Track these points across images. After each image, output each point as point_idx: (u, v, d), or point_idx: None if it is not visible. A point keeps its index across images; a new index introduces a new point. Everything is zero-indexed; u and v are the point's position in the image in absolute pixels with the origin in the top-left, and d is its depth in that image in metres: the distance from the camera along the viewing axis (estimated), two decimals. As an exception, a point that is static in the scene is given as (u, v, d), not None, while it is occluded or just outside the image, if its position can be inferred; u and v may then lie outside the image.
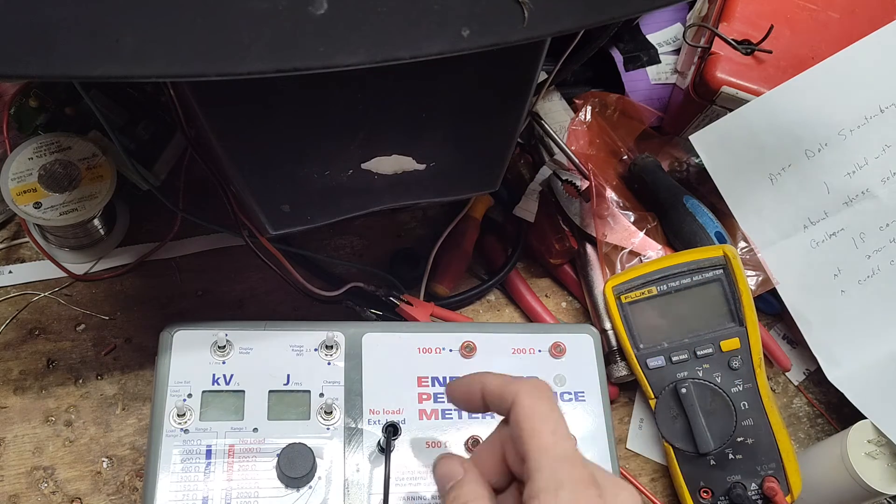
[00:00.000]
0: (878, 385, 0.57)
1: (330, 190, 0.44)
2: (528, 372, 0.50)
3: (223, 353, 0.47)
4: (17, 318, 0.54)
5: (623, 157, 0.65)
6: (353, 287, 0.55)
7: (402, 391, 0.49)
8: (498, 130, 0.44)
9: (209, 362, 0.47)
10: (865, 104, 0.58)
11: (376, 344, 0.50)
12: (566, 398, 0.51)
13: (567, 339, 0.53)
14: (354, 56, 0.28)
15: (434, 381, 0.49)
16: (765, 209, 0.60)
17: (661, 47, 0.67)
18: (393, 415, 0.48)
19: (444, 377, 0.50)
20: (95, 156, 0.50)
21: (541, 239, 0.60)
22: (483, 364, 0.50)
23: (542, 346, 0.52)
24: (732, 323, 0.56)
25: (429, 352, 0.50)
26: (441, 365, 0.50)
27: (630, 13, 0.33)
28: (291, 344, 0.49)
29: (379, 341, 0.50)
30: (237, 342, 0.48)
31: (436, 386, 0.49)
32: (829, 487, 0.53)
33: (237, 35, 0.27)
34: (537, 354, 0.52)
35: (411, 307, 0.55)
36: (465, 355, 0.50)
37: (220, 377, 0.47)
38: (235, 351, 0.48)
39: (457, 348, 0.50)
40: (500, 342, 0.52)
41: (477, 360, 0.51)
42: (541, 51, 0.39)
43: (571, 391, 0.51)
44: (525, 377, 0.38)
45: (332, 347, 0.49)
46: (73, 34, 0.26)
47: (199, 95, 0.35)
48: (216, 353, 0.47)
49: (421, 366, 0.50)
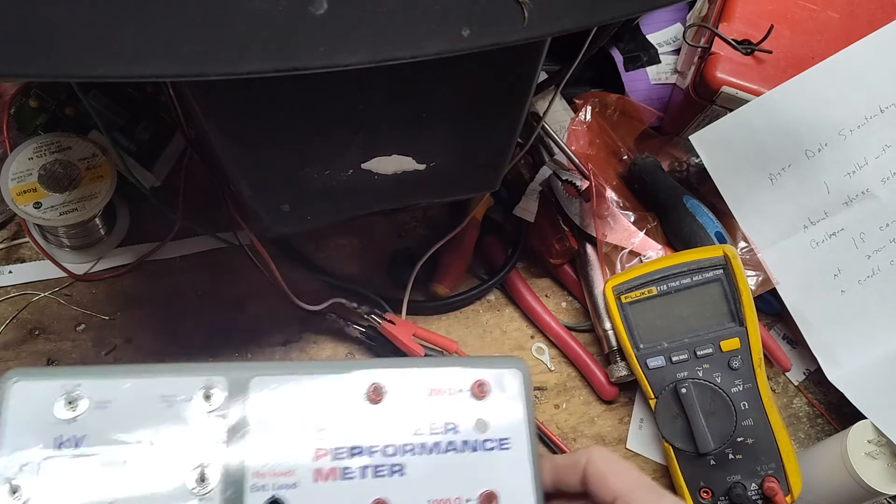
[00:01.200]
0: (878, 385, 0.57)
1: (330, 190, 0.44)
2: (449, 418, 0.45)
3: (73, 409, 0.38)
4: (17, 318, 0.54)
5: (623, 157, 0.65)
6: (335, 303, 0.54)
7: (296, 448, 0.41)
8: (498, 130, 0.44)
9: (53, 422, 0.38)
10: (865, 104, 0.58)
11: (266, 390, 0.41)
12: (488, 446, 0.44)
13: (491, 376, 0.46)
14: (354, 56, 0.28)
15: (334, 435, 0.41)
16: (765, 209, 0.60)
17: (661, 47, 0.67)
18: (283, 477, 0.40)
19: (347, 429, 0.42)
20: (95, 156, 0.50)
21: (541, 239, 0.60)
22: (393, 411, 0.44)
23: (464, 385, 0.45)
24: (732, 323, 0.56)
25: (329, 398, 0.42)
26: (343, 414, 0.42)
27: (630, 13, 0.33)
28: (162, 393, 0.40)
29: (269, 387, 0.41)
30: (92, 394, 0.39)
31: (336, 440, 0.42)
32: (829, 487, 0.53)
33: (237, 35, 0.27)
34: (457, 395, 0.45)
35: (393, 326, 0.54)
36: (373, 400, 0.43)
37: (67, 440, 0.38)
38: (90, 405, 0.39)
39: (363, 392, 0.43)
40: (415, 381, 0.44)
41: (386, 405, 0.44)
42: (541, 51, 0.39)
43: (494, 438, 0.45)
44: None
45: (210, 396, 0.40)
46: (73, 34, 0.26)
47: (199, 95, 0.35)
48: (65, 409, 0.38)
49: (319, 416, 0.42)
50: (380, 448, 0.44)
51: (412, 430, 0.44)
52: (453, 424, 0.45)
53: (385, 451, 0.44)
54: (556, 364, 0.60)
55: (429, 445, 0.44)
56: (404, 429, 0.44)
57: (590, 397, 0.60)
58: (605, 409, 0.59)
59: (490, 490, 0.43)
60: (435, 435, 0.44)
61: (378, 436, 0.44)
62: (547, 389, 0.59)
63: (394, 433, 0.44)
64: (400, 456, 0.44)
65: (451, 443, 0.44)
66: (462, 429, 0.45)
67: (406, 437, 0.44)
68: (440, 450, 0.44)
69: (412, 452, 0.44)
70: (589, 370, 0.59)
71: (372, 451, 0.43)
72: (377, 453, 0.44)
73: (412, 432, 0.44)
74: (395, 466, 0.44)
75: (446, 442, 0.44)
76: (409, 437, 0.44)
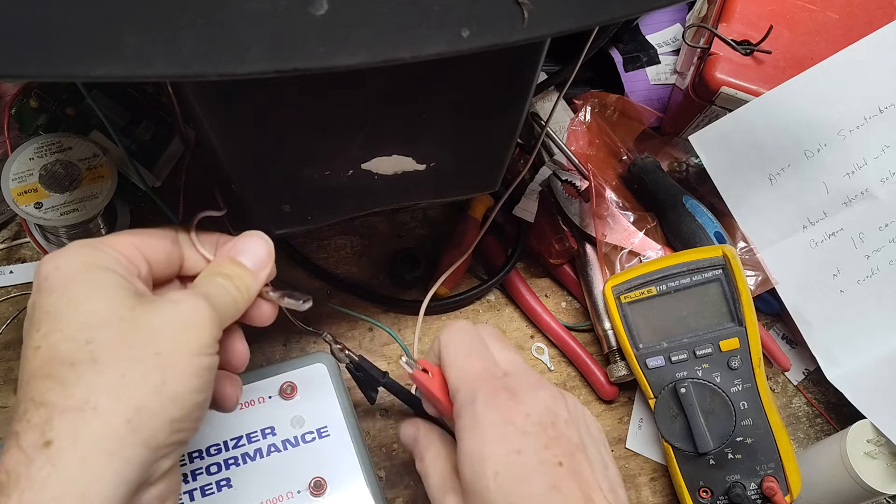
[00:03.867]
0: (878, 385, 0.57)
1: (330, 190, 0.44)
2: (264, 424, 0.47)
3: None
4: (17, 318, 0.54)
5: (622, 157, 0.65)
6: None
7: None
8: (498, 130, 0.44)
9: None
10: (864, 104, 0.58)
11: None
12: (308, 439, 0.48)
13: (297, 376, 0.49)
14: (354, 56, 0.28)
15: None
16: (764, 209, 0.60)
17: (661, 48, 0.67)
18: None
19: None
20: (96, 156, 0.50)
21: (540, 239, 0.60)
22: (210, 432, 0.45)
23: (272, 391, 0.48)
24: (732, 323, 0.56)
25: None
26: None
27: (630, 13, 0.33)
28: None
29: None
30: None
31: None
32: (829, 487, 0.53)
33: (237, 35, 0.27)
34: (268, 402, 0.48)
35: (428, 378, 0.42)
36: None
37: None
38: None
39: None
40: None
41: (204, 429, 0.45)
42: (541, 51, 0.39)
43: (313, 429, 0.48)
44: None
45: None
46: (73, 34, 0.26)
47: (200, 96, 0.35)
48: None
49: None
50: (202, 469, 0.46)
51: (231, 445, 0.47)
52: (270, 428, 0.48)
53: (209, 471, 0.46)
54: (556, 364, 0.60)
55: (250, 454, 0.47)
56: (224, 445, 0.46)
57: (589, 397, 0.60)
58: (605, 408, 0.60)
59: (318, 477, 0.46)
60: (255, 443, 0.47)
61: (199, 459, 0.46)
62: (547, 389, 0.59)
63: (214, 451, 0.46)
64: (224, 471, 0.46)
65: (272, 445, 0.47)
66: (279, 430, 0.48)
67: (227, 453, 0.47)
68: (263, 454, 0.47)
69: (236, 464, 0.46)
70: (588, 370, 0.59)
71: (196, 474, 0.46)
72: (201, 475, 0.46)
73: (232, 446, 0.47)
74: (221, 482, 0.46)
75: (267, 445, 0.47)
76: (230, 451, 0.47)
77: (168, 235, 0.37)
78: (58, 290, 0.31)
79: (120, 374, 0.29)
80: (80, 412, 0.29)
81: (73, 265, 0.32)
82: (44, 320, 0.31)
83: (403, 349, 0.56)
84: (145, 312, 0.31)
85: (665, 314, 0.56)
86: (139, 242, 0.35)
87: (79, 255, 0.32)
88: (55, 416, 0.29)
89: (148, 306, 0.32)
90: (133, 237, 0.35)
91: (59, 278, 0.31)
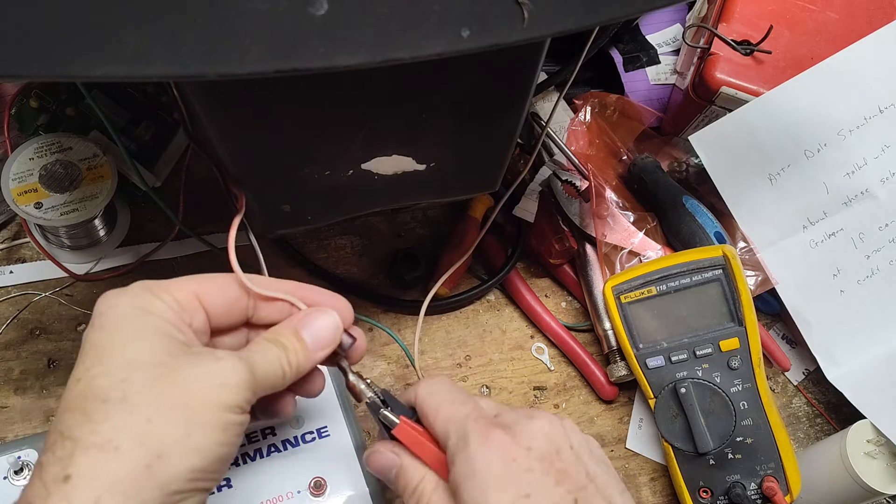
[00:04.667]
0: (878, 385, 0.57)
1: (330, 190, 0.44)
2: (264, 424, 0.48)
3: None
4: (17, 318, 0.54)
5: (622, 157, 0.65)
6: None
7: None
8: (498, 130, 0.44)
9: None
10: (864, 104, 0.58)
11: None
12: (308, 439, 0.48)
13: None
14: (354, 56, 0.28)
15: None
16: (764, 209, 0.60)
17: (661, 48, 0.67)
18: None
19: None
20: (96, 156, 0.50)
21: (540, 239, 0.60)
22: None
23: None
24: (732, 323, 0.56)
25: None
26: None
27: (630, 13, 0.33)
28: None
29: None
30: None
31: None
32: (829, 487, 0.53)
33: (237, 35, 0.27)
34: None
35: (413, 435, 0.40)
36: None
37: None
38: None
39: None
40: None
41: None
42: (541, 51, 0.39)
43: (313, 429, 0.48)
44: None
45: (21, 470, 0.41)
46: (73, 34, 0.26)
47: (200, 96, 0.35)
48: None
49: None
50: None
51: None
52: (270, 428, 0.48)
53: None
54: (556, 364, 0.60)
55: (250, 454, 0.47)
56: None
57: (589, 397, 0.60)
58: (605, 408, 0.60)
59: (318, 477, 0.46)
60: (255, 443, 0.47)
61: None
62: (546, 389, 0.59)
63: None
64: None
65: (272, 445, 0.47)
66: (279, 430, 0.48)
67: None
68: (263, 454, 0.47)
69: (235, 464, 0.46)
70: (588, 370, 0.59)
71: None
72: None
73: None
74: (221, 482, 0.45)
75: (267, 445, 0.47)
76: None
77: (235, 283, 0.37)
78: (108, 328, 0.32)
79: (146, 419, 0.30)
80: (102, 451, 0.29)
81: (127, 307, 0.33)
82: (90, 354, 0.32)
83: (403, 349, 0.56)
84: (185, 363, 0.32)
85: (665, 314, 0.56)
86: (201, 291, 0.35)
87: (135, 297, 0.33)
88: (78, 451, 0.29)
89: (189, 357, 0.32)
90: (196, 285, 0.36)
91: (111, 317, 0.32)
